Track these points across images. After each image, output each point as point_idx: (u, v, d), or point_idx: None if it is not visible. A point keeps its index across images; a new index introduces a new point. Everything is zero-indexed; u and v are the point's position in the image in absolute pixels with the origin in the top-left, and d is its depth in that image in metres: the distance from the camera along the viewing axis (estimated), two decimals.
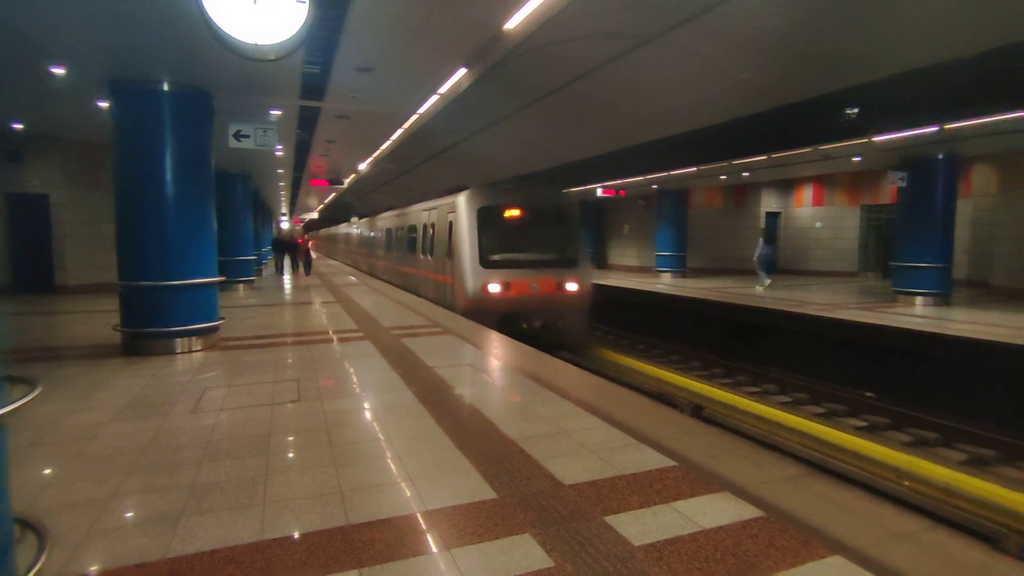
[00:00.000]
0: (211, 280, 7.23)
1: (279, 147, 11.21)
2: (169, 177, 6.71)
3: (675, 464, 3.59)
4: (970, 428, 7.46)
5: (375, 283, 17.85)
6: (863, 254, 19.83)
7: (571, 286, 10.67)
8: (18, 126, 10.53)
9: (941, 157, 12.78)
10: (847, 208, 19.95)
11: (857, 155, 14.67)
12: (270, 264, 25.78)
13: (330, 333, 8.41)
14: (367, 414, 4.71)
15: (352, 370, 6.14)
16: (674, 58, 7.98)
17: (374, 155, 15.80)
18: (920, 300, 12.71)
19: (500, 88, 9.38)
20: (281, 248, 22.49)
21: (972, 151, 13.62)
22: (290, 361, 6.56)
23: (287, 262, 22.11)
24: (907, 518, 2.95)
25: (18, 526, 2.65)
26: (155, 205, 6.72)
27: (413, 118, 10.85)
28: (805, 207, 21.17)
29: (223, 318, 7.67)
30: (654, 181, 19.64)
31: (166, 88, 6.68)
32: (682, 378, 9.92)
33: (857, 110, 9.64)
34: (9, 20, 5.13)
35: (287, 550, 2.60)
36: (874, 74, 7.70)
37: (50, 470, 3.54)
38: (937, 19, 6.16)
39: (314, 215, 50.20)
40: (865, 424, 8.02)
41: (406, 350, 7.09)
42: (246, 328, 8.78)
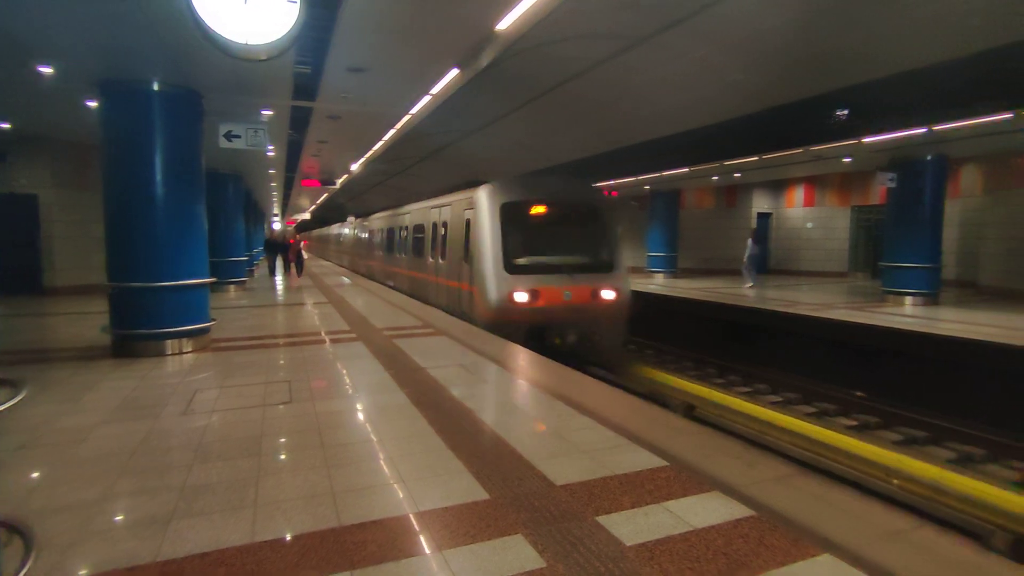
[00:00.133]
0: (202, 281, 7.18)
1: (270, 147, 11.14)
2: (159, 177, 6.66)
3: (667, 464, 3.61)
4: (958, 427, 7.53)
5: (368, 284, 17.79)
6: (853, 254, 19.99)
7: (608, 294, 9.44)
8: (5, 125, 10.41)
9: (930, 158, 12.92)
10: (838, 209, 20.11)
11: (847, 156, 14.82)
12: (262, 265, 25.63)
13: (322, 334, 8.38)
14: (359, 415, 4.70)
15: (344, 371, 6.13)
16: (666, 59, 8.02)
17: (366, 156, 15.74)
18: (909, 300, 12.84)
19: (492, 89, 9.39)
20: (273, 249, 22.36)
21: (960, 152, 13.79)
22: (282, 362, 6.53)
23: (279, 263, 21.99)
24: (896, 516, 2.98)
25: (3, 530, 2.62)
26: (145, 205, 6.66)
27: (405, 119, 10.80)
28: (796, 208, 21.32)
29: (214, 319, 7.62)
30: (646, 182, 19.73)
31: (156, 88, 6.63)
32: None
33: (847, 111, 9.74)
34: None
35: (279, 552, 2.59)
36: (866, 76, 7.77)
37: (38, 473, 3.51)
38: (930, 21, 6.23)
39: (306, 216, 50.01)
40: (855, 423, 8.09)
41: (398, 351, 7.08)
42: (237, 329, 8.73)
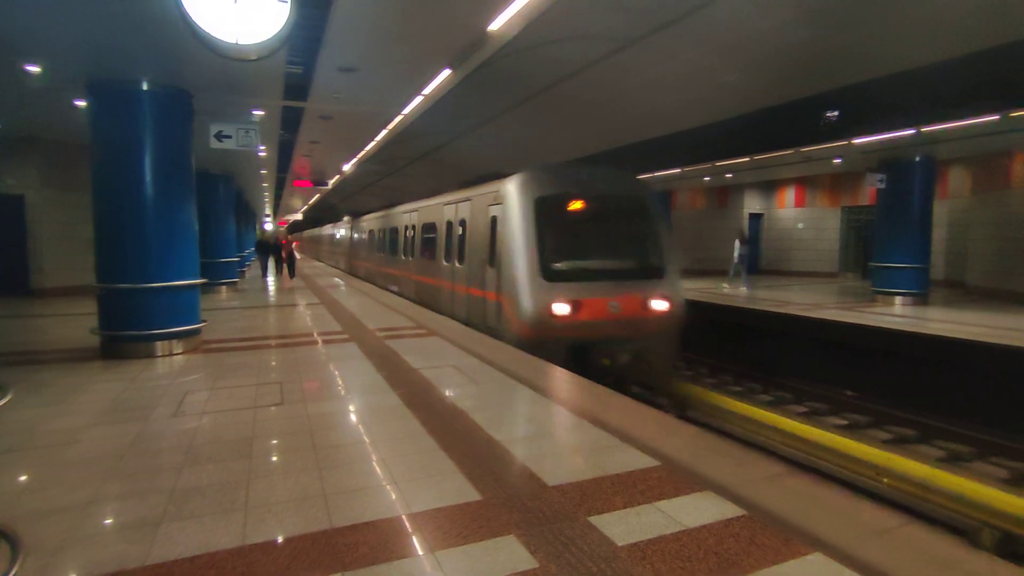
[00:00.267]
0: (192, 282, 7.13)
1: (261, 148, 11.10)
2: (148, 178, 6.60)
3: (658, 464, 3.62)
4: (947, 425, 7.61)
5: (361, 286, 17.72)
6: (844, 255, 20.16)
7: (660, 304, 8.16)
8: None
9: (918, 159, 13.05)
10: (828, 209, 20.27)
11: (838, 157, 14.94)
12: (254, 266, 25.49)
13: (314, 335, 8.34)
14: (351, 417, 4.68)
15: (336, 372, 6.10)
16: (658, 61, 8.07)
17: (359, 156, 15.71)
18: (899, 300, 12.96)
19: (485, 89, 9.39)
20: (265, 249, 22.23)
21: (948, 154, 13.94)
22: (273, 364, 6.50)
23: (271, 264, 21.87)
24: (886, 514, 3.01)
25: None
26: (134, 206, 6.61)
27: (398, 119, 10.79)
28: (787, 208, 21.47)
29: (205, 320, 7.57)
30: None
31: (145, 87, 6.57)
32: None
33: (837, 113, 9.82)
34: None
35: (269, 555, 2.58)
36: (856, 77, 7.84)
37: (25, 477, 3.47)
38: (919, 23, 6.29)
39: (298, 216, 49.77)
40: (846, 422, 8.15)
41: (391, 352, 7.06)
42: (229, 330, 8.68)
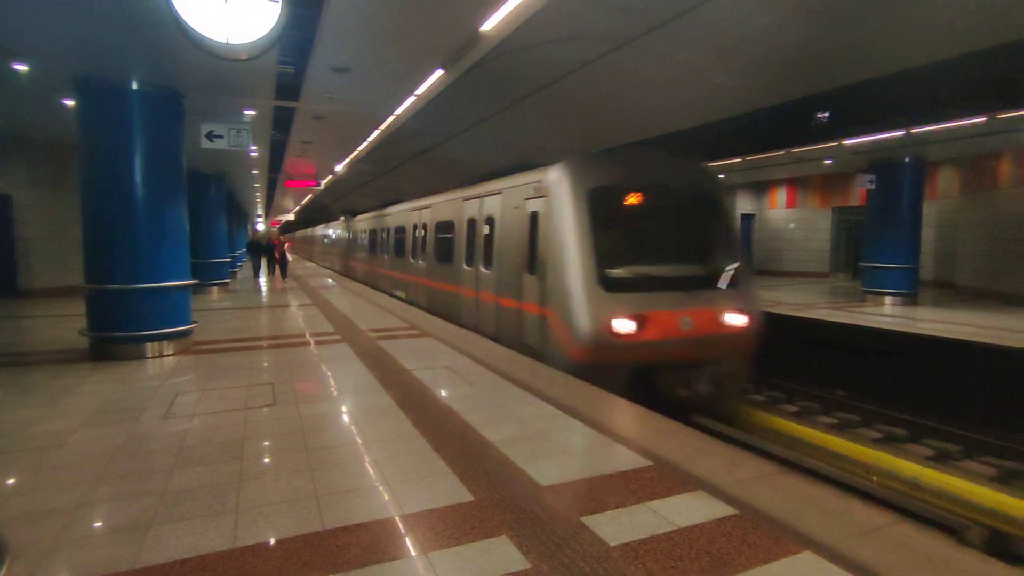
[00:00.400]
0: (183, 283, 7.08)
1: (253, 148, 11.04)
2: (138, 178, 6.55)
3: (651, 464, 3.63)
4: (935, 424, 7.68)
5: (352, 285, 17.66)
6: (835, 255, 20.31)
7: (738, 319, 6.79)
8: None
9: (907, 160, 13.17)
10: (819, 210, 20.42)
11: (828, 158, 15.05)
12: (245, 267, 25.34)
13: (306, 336, 8.30)
14: (344, 418, 4.67)
15: (329, 373, 6.08)
16: (650, 62, 8.09)
17: (351, 156, 15.65)
18: (889, 300, 13.07)
19: (478, 90, 9.38)
20: (256, 250, 22.10)
21: (937, 155, 14.08)
22: (265, 365, 6.47)
23: (263, 265, 21.74)
24: (875, 513, 3.03)
25: None
26: (124, 206, 6.55)
27: (390, 119, 10.76)
28: (779, 209, 21.60)
29: (196, 321, 7.52)
30: None
31: (135, 87, 6.52)
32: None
33: (828, 114, 9.89)
34: None
35: (261, 557, 2.57)
36: (848, 79, 7.89)
37: (13, 480, 3.43)
38: (911, 25, 6.33)
39: (290, 217, 49.54)
40: (836, 422, 8.20)
41: (383, 353, 7.04)
42: (220, 332, 8.62)
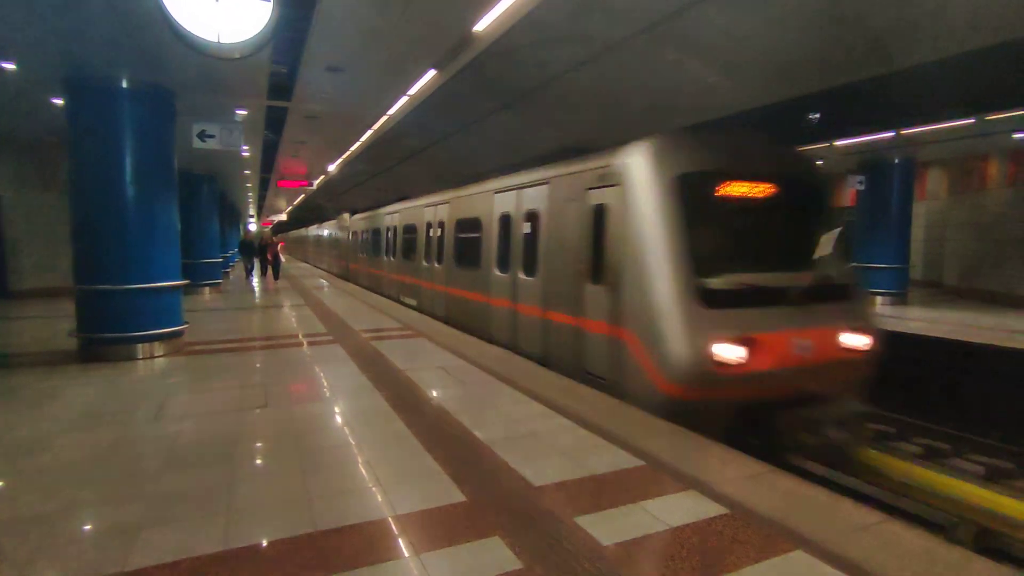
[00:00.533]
0: (174, 283, 7.02)
1: (245, 147, 10.96)
2: (128, 178, 6.50)
3: (643, 464, 3.64)
4: (925, 422, 7.74)
5: (345, 286, 17.59)
6: None
7: (859, 339, 5.36)
8: None
9: (897, 161, 13.28)
10: None
11: (819, 159, 15.13)
12: (237, 267, 25.20)
13: (299, 337, 8.26)
14: (336, 419, 4.65)
15: (321, 374, 6.05)
16: (640, 63, 8.10)
17: (344, 156, 15.60)
18: (879, 299, 13.17)
19: (470, 90, 9.37)
20: (248, 251, 21.97)
21: (927, 156, 14.19)
22: (258, 366, 6.43)
23: (256, 265, 21.62)
24: (865, 511, 3.06)
25: None
26: (113, 206, 6.50)
27: (383, 119, 10.74)
28: None
29: (187, 322, 7.46)
30: None
31: (125, 86, 6.47)
32: None
33: (819, 115, 9.94)
34: None
35: (252, 559, 2.55)
36: (839, 80, 7.94)
37: None
38: (900, 26, 6.37)
39: (283, 217, 49.31)
40: None
41: (376, 353, 7.02)
42: (212, 332, 8.56)
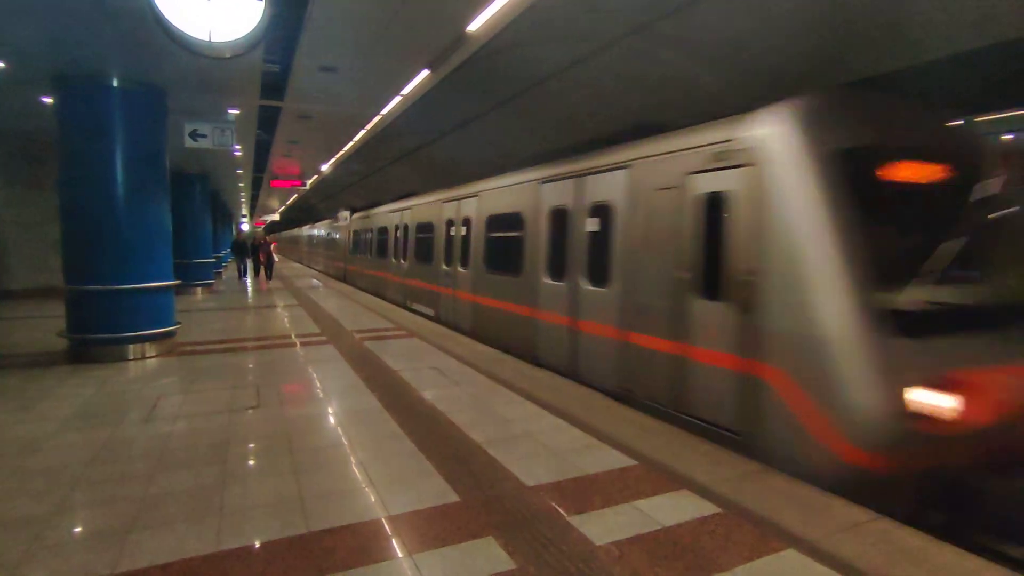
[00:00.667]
0: (165, 284, 6.98)
1: (237, 147, 10.92)
2: (119, 177, 6.45)
3: (636, 463, 3.65)
4: None
5: (338, 286, 17.53)
6: None
7: None
8: None
9: None
10: None
11: None
12: (230, 267, 25.07)
13: (292, 337, 8.23)
14: (330, 419, 4.63)
15: (315, 375, 6.03)
16: (635, 62, 8.12)
17: (338, 156, 15.56)
18: None
19: (464, 90, 9.37)
20: (241, 251, 21.86)
21: None
22: (250, 366, 6.40)
23: (249, 265, 21.51)
24: (855, 510, 3.08)
25: None
26: (104, 205, 6.44)
27: (377, 119, 10.72)
28: None
29: (179, 323, 7.41)
30: None
31: (115, 84, 6.42)
32: None
33: None
34: None
35: (244, 561, 2.54)
36: (832, 81, 7.98)
37: None
38: (892, 27, 6.41)
39: (275, 217, 49.11)
40: None
41: (370, 354, 7.00)
42: (204, 333, 8.51)
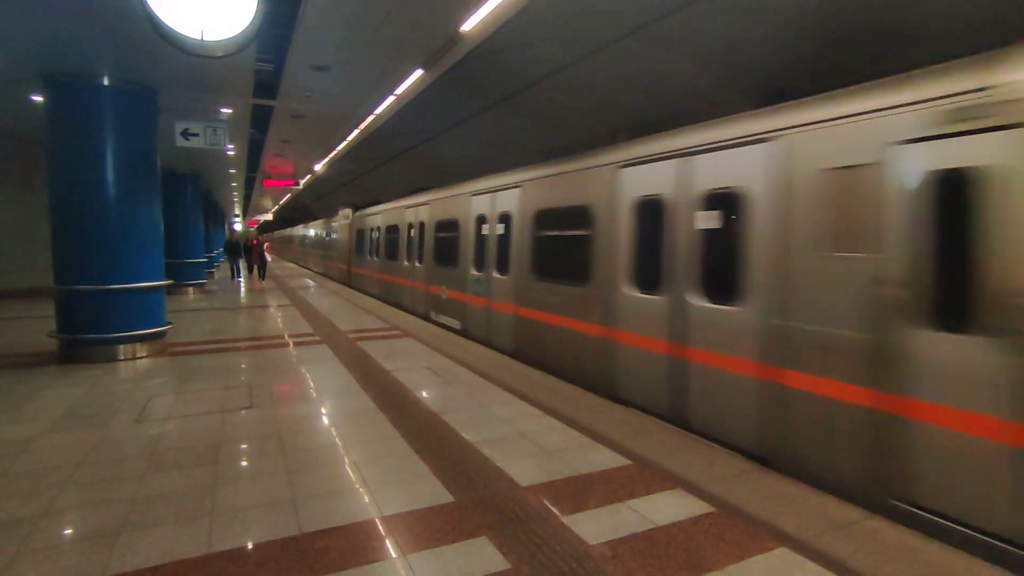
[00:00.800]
0: (156, 284, 6.93)
1: (230, 146, 10.84)
2: (110, 176, 6.40)
3: (630, 463, 3.66)
4: None
5: (332, 285, 17.46)
6: None
7: None
8: None
9: None
10: None
11: None
12: (223, 267, 24.93)
13: (285, 337, 8.19)
14: (323, 420, 4.61)
15: (308, 375, 6.00)
16: (630, 64, 8.14)
17: (331, 155, 15.50)
18: None
19: (458, 90, 9.36)
20: (234, 251, 21.73)
21: None
22: (243, 366, 6.36)
23: (242, 265, 21.39)
24: (847, 508, 3.09)
25: None
26: (94, 205, 6.39)
27: (370, 118, 10.69)
28: None
29: (171, 323, 7.36)
30: None
31: (106, 83, 6.37)
32: None
33: None
34: None
35: (236, 562, 2.52)
36: (827, 82, 8.02)
37: None
38: (887, 29, 6.45)
39: (268, 216, 48.89)
40: None
41: (363, 354, 6.98)
42: (196, 333, 8.46)
